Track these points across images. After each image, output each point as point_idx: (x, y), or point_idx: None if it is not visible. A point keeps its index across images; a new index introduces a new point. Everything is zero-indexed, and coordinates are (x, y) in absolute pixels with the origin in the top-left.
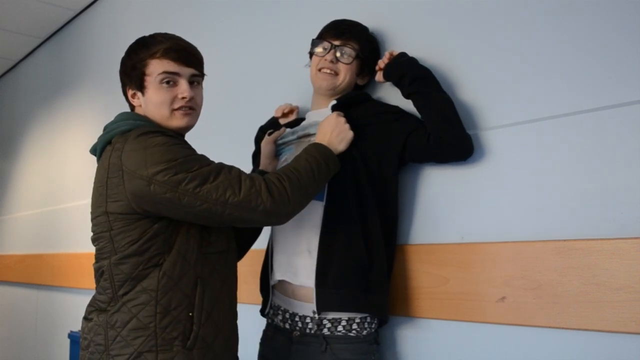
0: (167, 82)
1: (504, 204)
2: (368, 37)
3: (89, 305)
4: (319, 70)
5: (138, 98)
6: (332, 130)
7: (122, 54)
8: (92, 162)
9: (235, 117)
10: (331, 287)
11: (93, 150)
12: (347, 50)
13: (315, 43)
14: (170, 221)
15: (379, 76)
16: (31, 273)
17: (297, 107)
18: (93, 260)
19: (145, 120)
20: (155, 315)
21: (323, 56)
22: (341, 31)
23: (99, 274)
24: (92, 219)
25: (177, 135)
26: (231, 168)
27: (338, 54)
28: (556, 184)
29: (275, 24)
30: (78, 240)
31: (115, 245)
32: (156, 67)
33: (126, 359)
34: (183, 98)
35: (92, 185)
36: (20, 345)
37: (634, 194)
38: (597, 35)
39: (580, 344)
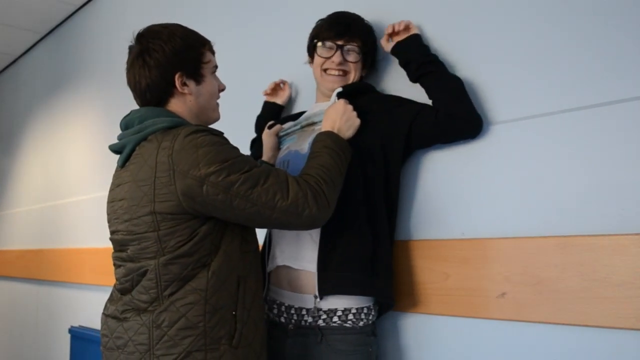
0: (213, 74)
1: (504, 199)
2: (367, 29)
3: (124, 304)
4: (325, 71)
5: (188, 86)
6: (340, 117)
7: (123, 49)
8: (92, 157)
9: (235, 113)
10: (334, 270)
11: (120, 148)
12: (353, 48)
13: (316, 44)
14: (217, 221)
15: (385, 43)
16: (31, 268)
17: (283, 81)
18: (94, 255)
19: (178, 117)
20: (205, 315)
21: (329, 57)
22: (343, 29)
23: (139, 273)
24: (131, 219)
25: (220, 134)
26: (278, 170)
27: (345, 54)
28: (557, 180)
29: (277, 18)
30: (78, 235)
31: (162, 245)
32: (209, 57)
33: (174, 359)
34: (222, 90)
35: (93, 179)
36: (21, 340)
37: (635, 190)
38: (596, 31)
39: (581, 340)
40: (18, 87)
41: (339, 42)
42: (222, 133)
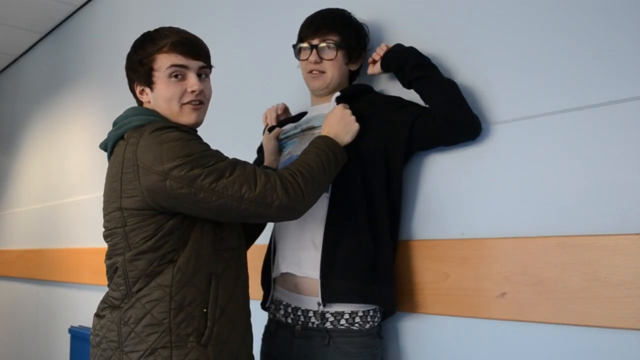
0: (176, 76)
1: (504, 199)
2: (345, 22)
3: (102, 302)
4: (309, 72)
5: (147, 94)
6: (338, 122)
7: (123, 48)
8: (92, 157)
9: (234, 114)
10: (337, 278)
11: (104, 146)
12: (327, 44)
13: (296, 47)
14: (184, 217)
15: (373, 69)
16: (31, 268)
17: (283, 104)
18: (94, 255)
19: (157, 115)
20: (170, 312)
21: (307, 59)
22: (316, 28)
23: (112, 270)
24: (105, 215)
25: (191, 130)
26: (246, 163)
27: (320, 53)
28: (557, 180)
29: (277, 19)
30: (78, 235)
31: (129, 241)
32: (164, 62)
33: (140, 356)
34: (193, 92)
35: (93, 180)
36: (20, 340)
37: (635, 190)
38: (596, 31)
39: (581, 340)
40: (18, 87)
41: (314, 42)
42: (196, 131)
